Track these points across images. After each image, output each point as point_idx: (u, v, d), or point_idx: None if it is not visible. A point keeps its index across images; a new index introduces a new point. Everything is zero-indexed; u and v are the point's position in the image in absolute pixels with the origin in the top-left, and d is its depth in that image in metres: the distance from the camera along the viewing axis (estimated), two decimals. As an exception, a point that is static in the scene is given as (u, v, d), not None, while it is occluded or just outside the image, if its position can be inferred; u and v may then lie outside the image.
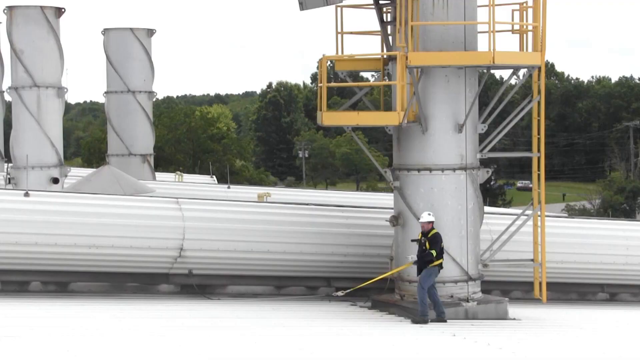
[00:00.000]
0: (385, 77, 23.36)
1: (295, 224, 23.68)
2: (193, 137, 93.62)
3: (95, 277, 22.64)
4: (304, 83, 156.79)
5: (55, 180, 31.46)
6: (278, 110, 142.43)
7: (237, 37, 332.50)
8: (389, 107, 23.35)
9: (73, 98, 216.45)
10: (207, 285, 23.55)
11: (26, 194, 21.85)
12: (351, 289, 22.16)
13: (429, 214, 21.25)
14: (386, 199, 31.32)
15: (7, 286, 21.80)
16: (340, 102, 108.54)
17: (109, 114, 42.72)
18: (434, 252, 20.82)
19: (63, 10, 31.82)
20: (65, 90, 32.34)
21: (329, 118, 22.18)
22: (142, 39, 41.86)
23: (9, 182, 31.77)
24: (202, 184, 43.88)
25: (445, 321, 20.76)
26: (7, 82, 37.09)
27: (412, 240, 21.50)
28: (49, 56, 31.49)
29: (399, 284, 22.60)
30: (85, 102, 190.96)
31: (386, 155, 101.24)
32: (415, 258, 21.16)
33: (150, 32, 42.52)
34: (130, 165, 41.06)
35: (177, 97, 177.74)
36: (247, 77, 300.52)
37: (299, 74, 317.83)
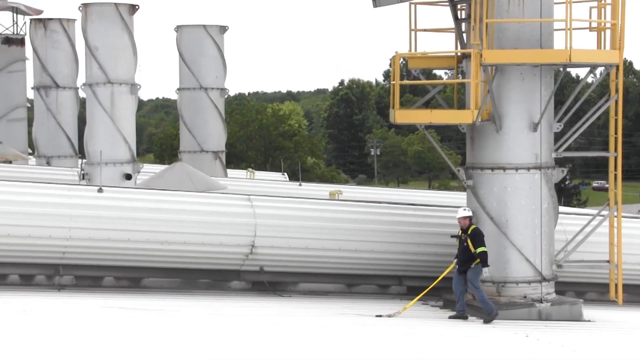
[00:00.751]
0: (459, 75, 23.12)
1: (367, 222, 23.54)
2: (264, 134, 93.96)
3: (167, 273, 22.73)
4: (376, 80, 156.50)
5: (128, 177, 31.69)
6: (350, 108, 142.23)
7: (310, 34, 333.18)
8: (462, 105, 23.12)
9: (145, 95, 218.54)
10: (278, 282, 23.51)
11: (100, 190, 22.02)
12: (401, 311, 21.40)
13: (465, 209, 20.98)
14: (458, 198, 31.05)
15: (81, 281, 21.99)
16: (412, 99, 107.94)
17: (181, 111, 42.96)
18: (484, 249, 20.52)
19: (137, 7, 32.03)
20: (138, 86, 32.53)
21: (401, 116, 22.02)
22: (214, 35, 42.01)
23: (83, 178, 32.08)
24: (273, 181, 43.89)
25: (466, 318, 20.57)
26: (81, 79, 37.50)
27: (452, 237, 21.25)
28: (123, 53, 31.71)
29: (471, 284, 22.33)
30: (157, 98, 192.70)
31: (459, 153, 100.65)
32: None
33: (223, 29, 42.67)
34: (202, 162, 41.24)
35: (249, 94, 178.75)
36: (319, 74, 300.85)
37: (372, 71, 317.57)
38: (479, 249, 20.55)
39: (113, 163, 31.30)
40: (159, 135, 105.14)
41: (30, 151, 46.84)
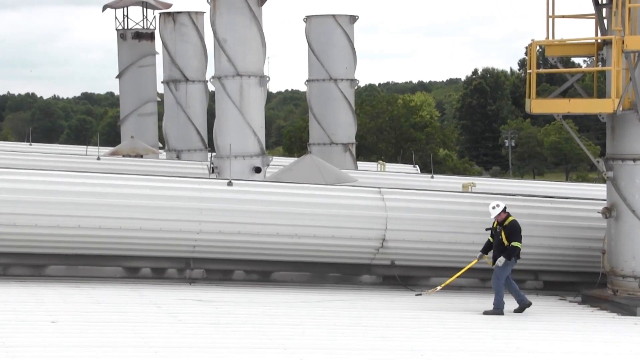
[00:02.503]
0: (599, 63, 22.28)
1: (501, 215, 22.90)
2: (395, 126, 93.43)
3: (297, 267, 22.56)
4: (511, 69, 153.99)
5: (258, 170, 31.66)
6: (484, 98, 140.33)
7: (440, 23, 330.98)
8: (602, 94, 22.30)
9: (274, 87, 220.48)
10: (410, 276, 23.11)
11: (229, 183, 21.96)
12: (434, 290, 21.14)
13: (494, 207, 20.05)
14: (597, 190, 30.18)
15: (211, 275, 22.02)
16: (549, 89, 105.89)
17: (310, 103, 42.85)
18: (518, 244, 19.71)
19: (266, -2, 31.95)
20: (267, 79, 32.49)
21: (538, 106, 21.40)
22: (344, 25, 41.72)
23: (213, 172, 32.21)
24: (404, 173, 43.44)
25: (529, 304, 19.80)
26: (210, 72, 37.71)
27: (487, 229, 20.47)
28: (251, 45, 31.64)
29: (612, 279, 21.59)
30: (286, 90, 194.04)
31: (598, 144, 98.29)
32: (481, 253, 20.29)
33: (353, 19, 42.34)
34: (332, 154, 41.07)
35: (379, 84, 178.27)
36: (451, 64, 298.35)
37: (506, 60, 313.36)
38: (514, 243, 19.75)
39: (242, 156, 31.27)
40: (287, 128, 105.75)
41: (160, 145, 47.46)
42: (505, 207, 20.13)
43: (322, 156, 36.95)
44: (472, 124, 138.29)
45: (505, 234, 19.88)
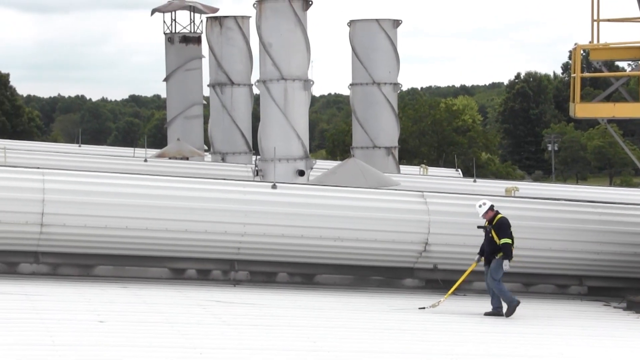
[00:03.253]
0: (645, 66, 22.23)
1: (545, 220, 22.94)
2: (438, 130, 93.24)
3: (339, 270, 22.66)
4: (554, 73, 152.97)
5: (301, 173, 31.84)
6: (526, 102, 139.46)
7: (482, 27, 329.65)
8: (647, 98, 22.24)
9: (317, 90, 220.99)
10: (452, 280, 23.09)
11: (274, 186, 22.13)
12: (439, 302, 20.68)
13: (481, 205, 19.90)
14: (642, 195, 30.06)
15: (255, 277, 22.18)
16: (592, 93, 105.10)
17: (354, 106, 42.97)
18: (508, 241, 19.50)
19: (310, 2, 32.14)
20: (311, 82, 32.66)
21: (582, 110, 21.39)
22: (387, 30, 41.84)
23: (257, 174, 32.45)
24: (447, 177, 43.44)
25: (501, 315, 19.47)
26: (255, 76, 37.94)
27: (479, 227, 20.23)
28: (296, 49, 31.85)
29: (657, 285, 21.49)
30: (329, 94, 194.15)
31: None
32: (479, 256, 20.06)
33: (396, 23, 42.45)
34: (375, 157, 41.16)
35: (422, 88, 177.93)
36: (494, 68, 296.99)
37: (549, 64, 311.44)
38: (503, 240, 19.54)
39: (286, 159, 31.49)
40: (330, 131, 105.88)
41: (206, 148, 47.84)
42: (492, 206, 19.94)
43: (365, 160, 37.09)
44: (514, 128, 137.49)
45: (495, 232, 19.73)
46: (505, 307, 19.58)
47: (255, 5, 31.81)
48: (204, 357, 13.81)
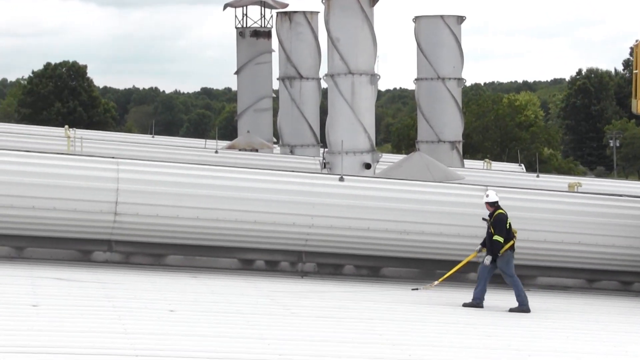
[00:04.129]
0: None
1: (608, 216, 22.91)
2: (500, 125, 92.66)
3: (405, 263, 22.83)
4: (615, 70, 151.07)
5: (368, 166, 32.07)
6: (588, 98, 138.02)
7: (544, 24, 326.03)
8: None
9: (383, 85, 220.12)
10: (520, 275, 23.14)
11: (341, 179, 22.37)
12: (431, 285, 21.06)
13: (487, 195, 19.87)
14: None
15: (323, 268, 22.39)
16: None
17: (419, 101, 43.14)
18: (499, 239, 19.35)
19: (377, -2, 32.36)
20: (378, 77, 32.84)
21: (646, 107, 21.32)
22: (452, 26, 41.97)
23: (324, 167, 32.73)
24: (510, 172, 43.38)
25: (481, 307, 19.29)
26: (323, 70, 38.28)
27: (483, 219, 20.14)
28: (363, 44, 32.08)
29: None
30: (394, 89, 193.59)
31: None
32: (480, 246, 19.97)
33: (460, 19, 42.54)
34: (439, 152, 41.31)
35: (485, 84, 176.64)
36: (556, 64, 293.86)
37: (610, 61, 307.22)
38: (495, 237, 19.45)
39: (353, 152, 31.74)
40: (396, 125, 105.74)
41: (275, 140, 48.27)
42: (496, 202, 19.82)
43: (430, 154, 37.25)
44: (576, 124, 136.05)
45: (493, 228, 19.66)
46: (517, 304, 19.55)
47: (323, 1, 32.12)
48: (272, 347, 13.98)
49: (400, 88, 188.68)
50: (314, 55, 43.25)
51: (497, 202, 19.82)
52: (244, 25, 47.89)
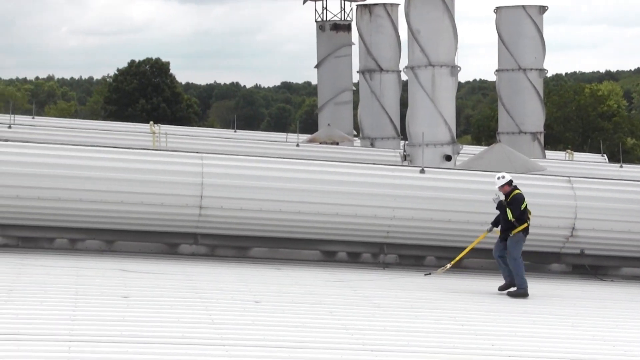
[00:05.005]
0: None
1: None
2: (582, 115, 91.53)
3: (487, 254, 22.71)
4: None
5: (448, 158, 32.08)
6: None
7: (627, 13, 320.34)
8: None
9: (463, 77, 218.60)
10: (600, 266, 23.09)
11: (422, 171, 22.46)
12: (443, 268, 20.86)
13: (499, 178, 19.66)
14: None
15: (404, 260, 22.49)
16: None
17: (500, 92, 42.95)
18: (510, 217, 19.16)
19: (457, -10, 32.36)
20: (458, 68, 32.81)
21: None
22: (534, 16, 41.70)
23: (405, 159, 32.82)
24: (593, 162, 42.98)
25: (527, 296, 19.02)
26: (403, 62, 38.32)
27: (494, 199, 19.88)
28: (444, 36, 32.09)
29: None
30: (474, 80, 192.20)
31: None
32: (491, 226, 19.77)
33: (543, 9, 42.25)
34: (520, 143, 41.11)
35: (566, 74, 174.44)
36: (639, 53, 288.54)
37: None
38: (509, 217, 19.28)
39: (433, 144, 31.78)
40: (476, 117, 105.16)
41: (355, 133, 48.47)
42: (511, 181, 19.71)
43: (511, 145, 37.11)
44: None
45: (509, 208, 19.50)
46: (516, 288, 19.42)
47: (403, -7, 32.19)
48: (355, 338, 14.12)
49: (480, 79, 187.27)
50: (394, 48, 43.32)
51: (511, 181, 19.74)
52: (324, 19, 48.13)
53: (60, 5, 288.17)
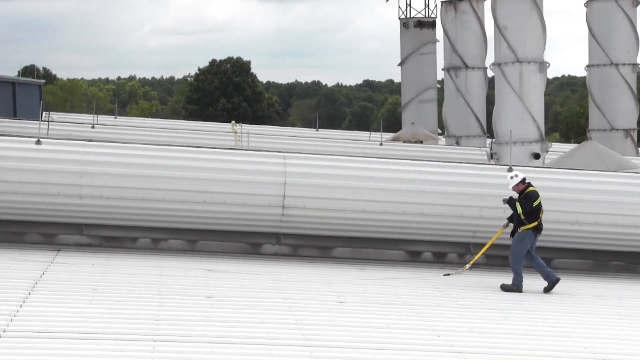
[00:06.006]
0: None
1: None
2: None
3: (578, 254, 22.37)
4: None
5: (537, 156, 31.54)
6: None
7: None
8: None
9: (551, 72, 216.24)
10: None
11: (510, 170, 21.99)
12: (463, 269, 20.22)
13: (512, 177, 19.15)
14: None
15: (491, 260, 22.05)
16: None
17: (590, 88, 42.14)
18: (520, 212, 18.76)
19: (546, -16, 31.76)
20: (547, 65, 32.23)
21: None
22: (626, 9, 40.83)
23: (492, 158, 32.36)
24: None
25: (558, 280, 18.65)
26: (489, 59, 37.82)
27: (503, 200, 19.34)
28: (532, 31, 31.54)
29: None
30: (563, 76, 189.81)
31: None
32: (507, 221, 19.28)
33: (636, 2, 41.34)
34: (612, 140, 40.32)
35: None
36: None
37: None
38: (519, 213, 18.85)
39: (521, 142, 31.25)
40: (564, 114, 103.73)
41: (439, 131, 48.07)
42: (524, 179, 19.23)
43: (602, 142, 36.33)
44: None
45: (520, 204, 19.00)
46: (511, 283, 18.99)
47: (494, -11, 31.73)
48: (442, 339, 13.93)
49: (569, 75, 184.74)
50: (480, 44, 42.86)
51: (525, 179, 19.33)
52: (408, 16, 47.84)
53: (143, 5, 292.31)
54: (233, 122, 40.38)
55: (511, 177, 19.40)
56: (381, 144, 37.16)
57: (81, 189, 20.06)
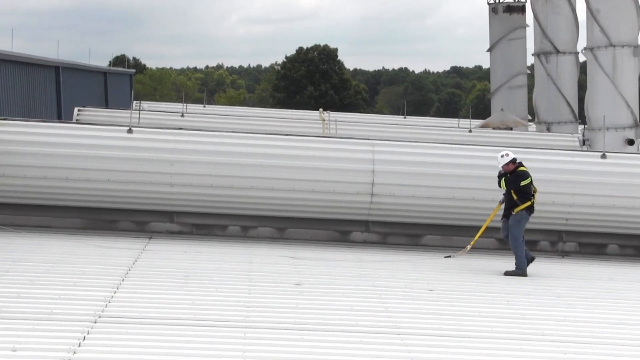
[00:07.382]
0: None
1: None
2: None
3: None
4: None
5: (631, 142, 31.02)
6: None
7: None
8: None
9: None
10: None
11: (603, 156, 21.65)
12: (464, 250, 19.78)
13: (503, 155, 18.62)
14: None
15: (584, 248, 21.80)
16: None
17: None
18: (502, 187, 18.53)
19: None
20: (642, 48, 31.66)
21: None
22: None
23: (584, 144, 31.89)
24: None
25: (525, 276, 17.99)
26: (581, 43, 37.21)
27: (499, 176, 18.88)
28: (625, 14, 30.97)
29: None
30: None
31: None
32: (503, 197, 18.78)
33: None
34: None
35: None
36: None
37: None
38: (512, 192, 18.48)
39: (615, 128, 30.74)
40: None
41: (530, 117, 47.51)
42: (515, 159, 18.73)
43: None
44: None
45: (505, 180, 18.66)
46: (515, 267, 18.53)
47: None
48: (534, 327, 13.75)
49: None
50: (571, 29, 42.15)
51: (515, 159, 18.89)
52: (497, 1, 47.37)
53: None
54: (321, 109, 40.43)
55: (501, 156, 19.04)
56: (470, 131, 36.86)
57: (172, 177, 20.28)
